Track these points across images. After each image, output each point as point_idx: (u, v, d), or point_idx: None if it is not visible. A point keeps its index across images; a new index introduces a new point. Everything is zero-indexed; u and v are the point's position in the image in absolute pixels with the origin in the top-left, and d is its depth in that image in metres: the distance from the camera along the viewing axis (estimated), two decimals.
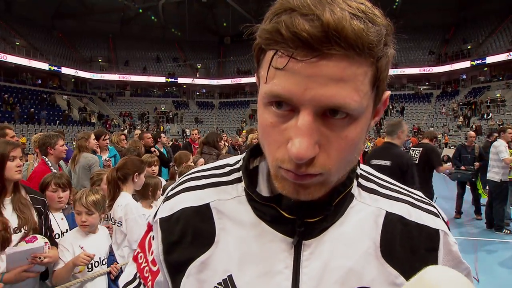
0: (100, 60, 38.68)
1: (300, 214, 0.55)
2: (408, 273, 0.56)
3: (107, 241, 2.32)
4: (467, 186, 7.01)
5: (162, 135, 6.58)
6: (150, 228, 0.67)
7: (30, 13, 35.37)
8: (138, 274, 0.68)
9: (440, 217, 0.62)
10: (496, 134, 6.69)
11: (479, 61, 30.90)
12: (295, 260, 0.55)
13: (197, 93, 39.18)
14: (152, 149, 5.35)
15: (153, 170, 3.72)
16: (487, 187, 6.43)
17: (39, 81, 32.07)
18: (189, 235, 0.59)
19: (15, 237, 1.86)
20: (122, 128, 28.51)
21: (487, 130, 22.72)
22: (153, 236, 0.65)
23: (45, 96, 30.63)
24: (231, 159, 0.67)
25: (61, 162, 3.82)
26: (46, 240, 1.93)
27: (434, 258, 0.58)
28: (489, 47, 31.33)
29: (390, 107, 32.59)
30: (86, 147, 4.09)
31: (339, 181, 0.55)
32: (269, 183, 0.59)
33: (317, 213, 0.55)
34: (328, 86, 0.42)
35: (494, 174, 6.06)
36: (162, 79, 38.10)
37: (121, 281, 0.71)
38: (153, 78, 38.05)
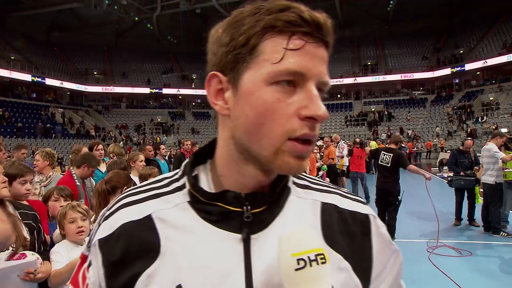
0: (95, 73, 38.75)
1: (247, 204, 0.57)
2: (350, 257, 0.61)
3: None
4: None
5: (162, 146, 6.51)
6: (83, 259, 0.63)
7: (25, 27, 35.50)
8: None
9: (367, 205, 0.69)
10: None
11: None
12: (246, 256, 0.56)
13: (193, 103, 39.25)
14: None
15: None
16: (482, 190, 6.42)
17: (35, 95, 32.05)
18: (133, 251, 0.57)
19: (3, 255, 1.79)
20: (119, 140, 28.44)
21: (482, 134, 22.99)
22: (90, 263, 0.60)
23: (52, 111, 30.81)
24: (169, 173, 0.68)
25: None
26: (37, 256, 1.88)
27: (369, 241, 0.65)
28: (480, 52, 31.66)
29: (386, 112, 32.79)
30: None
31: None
32: (213, 185, 0.62)
33: (262, 202, 0.58)
34: (323, 66, 0.55)
35: (488, 177, 6.09)
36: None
37: None
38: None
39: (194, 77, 40.19)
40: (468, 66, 31.61)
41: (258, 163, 0.57)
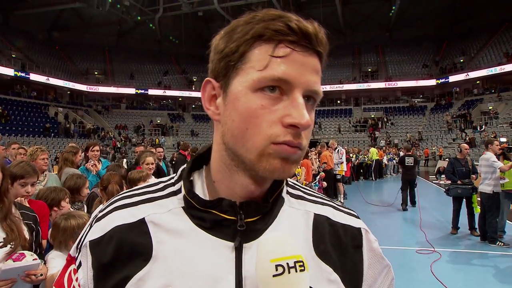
0: (96, 73, 38.78)
1: (241, 213, 0.58)
2: (340, 269, 0.62)
3: None
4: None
5: (159, 148, 6.38)
6: (70, 261, 0.63)
7: (27, 25, 35.55)
8: None
9: (360, 219, 0.70)
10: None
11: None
12: (237, 265, 0.56)
13: (193, 106, 39.25)
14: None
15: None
16: (479, 199, 6.43)
17: (34, 93, 31.97)
18: (124, 253, 0.57)
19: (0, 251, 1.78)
20: (118, 140, 28.37)
21: (480, 142, 23.02)
22: (79, 264, 0.60)
23: (55, 111, 30.64)
24: (164, 178, 0.69)
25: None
26: (35, 256, 1.87)
27: (360, 254, 0.65)
28: (480, 61, 31.81)
29: (385, 119, 32.86)
30: (72, 162, 4.06)
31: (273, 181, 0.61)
32: (208, 191, 0.62)
33: (256, 212, 0.59)
34: (312, 75, 0.55)
35: (486, 186, 6.09)
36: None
37: None
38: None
39: (194, 79, 40.26)
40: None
41: (246, 169, 0.57)
